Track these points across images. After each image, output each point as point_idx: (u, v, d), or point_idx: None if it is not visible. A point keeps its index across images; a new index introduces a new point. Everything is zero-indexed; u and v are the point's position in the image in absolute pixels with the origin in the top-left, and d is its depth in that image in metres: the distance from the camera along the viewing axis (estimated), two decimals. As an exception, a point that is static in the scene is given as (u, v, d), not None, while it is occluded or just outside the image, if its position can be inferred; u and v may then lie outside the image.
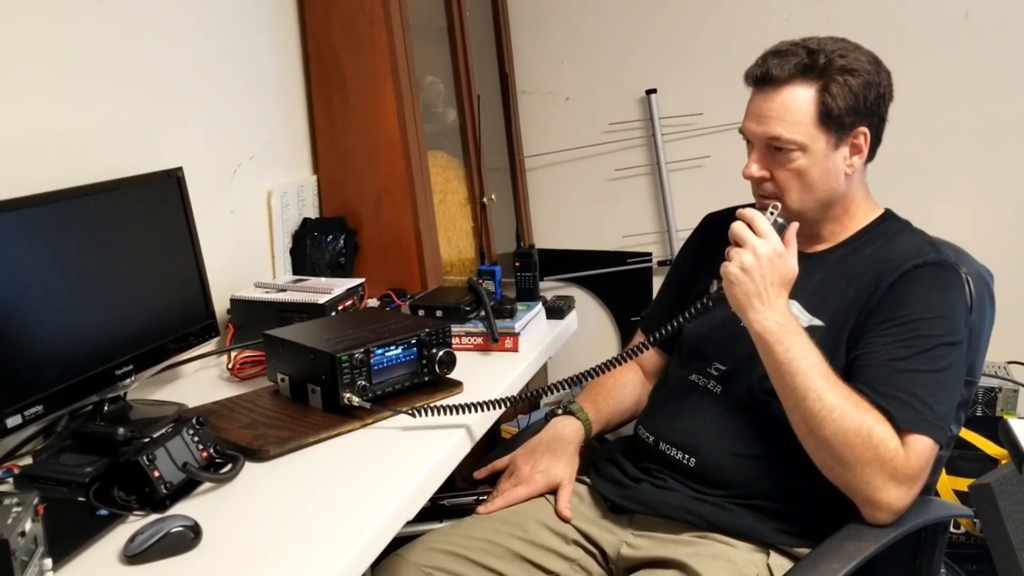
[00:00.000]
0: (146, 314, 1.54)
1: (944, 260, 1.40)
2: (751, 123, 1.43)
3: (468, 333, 1.83)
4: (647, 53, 2.84)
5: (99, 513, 1.17)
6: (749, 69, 1.43)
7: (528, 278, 2.03)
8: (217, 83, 1.95)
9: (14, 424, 1.24)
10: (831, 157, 1.40)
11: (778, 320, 1.31)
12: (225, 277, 1.86)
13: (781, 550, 1.38)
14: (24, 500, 0.95)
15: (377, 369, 1.49)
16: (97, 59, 1.62)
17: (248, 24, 2.05)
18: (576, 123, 2.95)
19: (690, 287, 1.64)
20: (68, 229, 1.39)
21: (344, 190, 2.25)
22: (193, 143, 1.85)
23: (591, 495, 1.55)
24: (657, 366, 1.70)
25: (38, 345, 1.32)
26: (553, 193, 3.02)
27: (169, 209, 1.63)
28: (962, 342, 1.36)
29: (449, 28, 2.56)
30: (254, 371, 1.72)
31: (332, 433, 1.41)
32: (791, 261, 1.35)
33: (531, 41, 2.94)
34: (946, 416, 1.31)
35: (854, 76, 1.38)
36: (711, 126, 2.75)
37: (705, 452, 1.43)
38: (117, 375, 1.45)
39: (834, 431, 1.26)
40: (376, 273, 2.19)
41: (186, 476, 1.23)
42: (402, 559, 1.42)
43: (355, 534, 1.12)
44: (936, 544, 1.43)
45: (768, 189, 1.44)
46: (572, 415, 1.61)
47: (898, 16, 2.56)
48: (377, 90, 2.16)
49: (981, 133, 2.56)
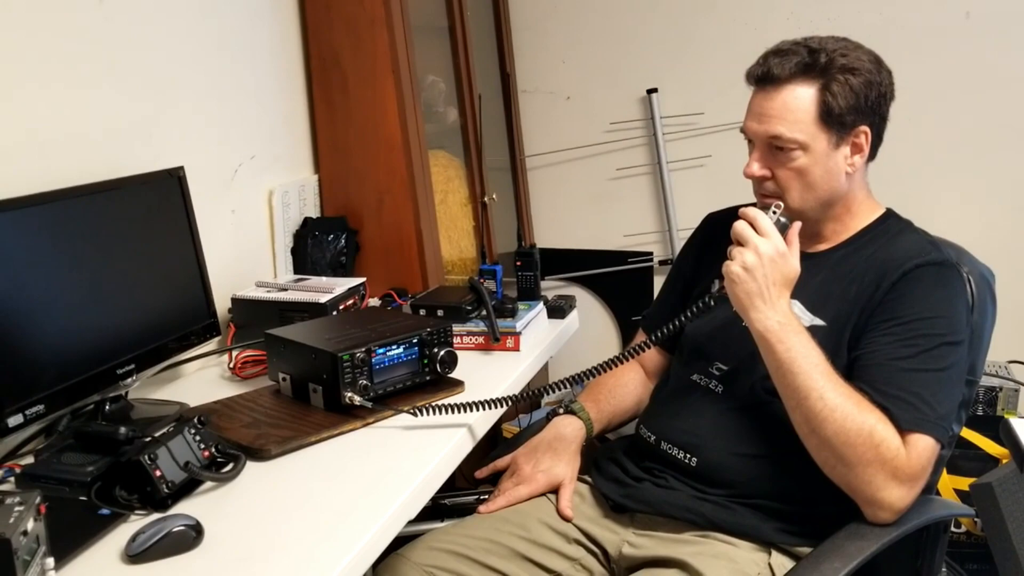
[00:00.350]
0: (147, 313, 1.54)
1: (945, 260, 1.40)
2: (752, 122, 1.43)
3: (469, 332, 1.83)
4: (648, 52, 2.84)
5: (101, 512, 1.17)
6: (750, 68, 1.43)
7: (529, 277, 2.03)
8: (218, 83, 1.95)
9: (16, 423, 1.24)
10: (832, 156, 1.40)
11: (780, 319, 1.32)
12: (226, 276, 1.86)
13: (783, 549, 1.38)
14: (26, 499, 0.95)
15: (378, 368, 1.49)
16: (98, 59, 1.62)
17: (249, 24, 2.05)
18: (577, 122, 2.94)
19: (692, 286, 1.64)
20: (70, 229, 1.39)
21: (345, 189, 2.25)
22: (194, 142, 1.85)
23: (593, 494, 1.55)
24: (659, 365, 1.70)
25: (40, 344, 1.31)
26: (554, 192, 3.02)
27: (170, 208, 1.63)
28: (963, 341, 1.36)
29: (450, 27, 2.56)
30: (255, 370, 1.72)
31: (333, 432, 1.41)
32: (793, 261, 1.35)
33: (532, 40, 2.94)
34: (947, 415, 1.31)
35: (855, 75, 1.38)
36: (712, 125, 2.75)
37: (707, 451, 1.43)
38: (118, 374, 1.45)
39: (835, 430, 1.26)
40: (377, 272, 2.19)
41: (188, 475, 1.23)
42: (403, 558, 1.42)
43: (356, 533, 1.12)
44: (937, 543, 1.43)
45: (769, 188, 1.44)
46: (573, 414, 1.62)
47: (899, 15, 2.56)
48: (378, 89, 2.16)
49: (981, 132, 2.56)
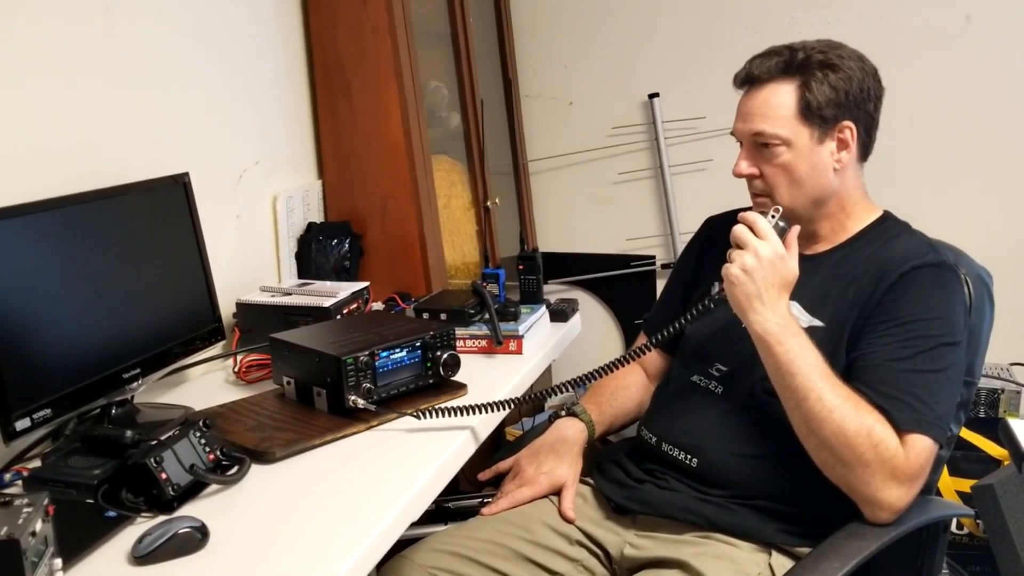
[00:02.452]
0: (153, 318, 1.55)
1: (943, 261, 1.40)
2: (738, 122, 1.47)
3: (472, 336, 1.84)
4: (650, 57, 2.85)
5: (107, 515, 1.18)
6: (736, 73, 1.47)
7: (532, 281, 2.04)
8: (223, 89, 1.97)
9: (23, 427, 1.25)
10: (817, 151, 1.42)
11: (778, 321, 1.32)
12: (231, 281, 1.87)
13: (783, 550, 1.39)
14: (35, 501, 0.96)
15: (382, 372, 1.50)
16: (105, 66, 1.63)
17: (254, 31, 2.07)
18: (579, 127, 2.96)
19: (692, 289, 1.65)
20: (76, 234, 1.40)
21: (349, 195, 2.27)
22: (200, 149, 1.87)
23: (595, 496, 1.55)
24: (660, 367, 1.71)
25: (47, 349, 1.32)
26: (557, 197, 3.03)
27: (176, 214, 1.65)
28: (961, 342, 1.37)
29: (453, 34, 2.58)
30: (260, 374, 1.74)
31: (337, 435, 1.42)
32: (792, 263, 1.36)
33: (534, 46, 2.95)
34: (945, 416, 1.32)
35: (834, 71, 1.40)
36: (714, 130, 2.76)
37: (707, 453, 1.44)
38: (125, 379, 1.46)
39: (834, 431, 1.27)
40: (381, 277, 2.20)
41: (193, 478, 1.24)
42: (407, 560, 1.43)
43: (360, 535, 1.13)
44: (937, 543, 1.43)
45: (758, 187, 1.46)
46: (576, 417, 1.62)
47: (899, 19, 2.57)
48: (382, 96, 2.17)
49: (981, 135, 2.57)
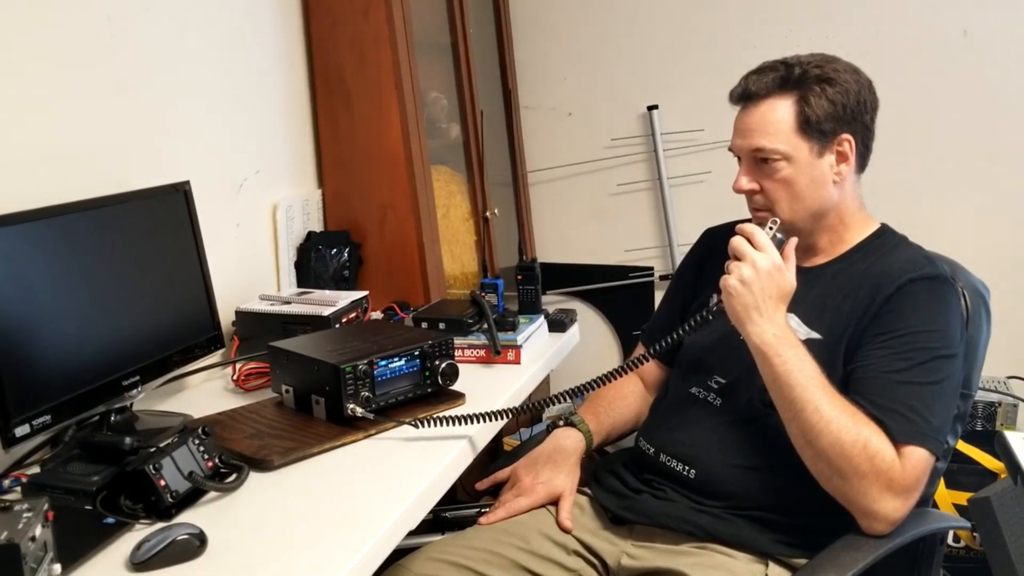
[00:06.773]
0: (153, 326, 1.56)
1: (940, 274, 1.41)
2: (737, 139, 1.48)
3: (471, 345, 1.85)
4: (649, 69, 2.87)
5: (106, 521, 1.19)
6: (731, 89, 1.48)
7: (530, 291, 2.05)
8: (224, 99, 1.98)
9: (22, 433, 1.25)
10: (816, 165, 1.43)
11: (776, 333, 1.33)
12: (231, 289, 1.87)
13: (780, 560, 1.39)
14: (34, 506, 0.96)
15: (380, 380, 1.51)
16: (106, 75, 1.64)
17: (255, 41, 2.08)
18: (578, 138, 2.97)
19: (691, 300, 1.66)
20: (76, 242, 1.41)
21: (349, 204, 2.27)
22: (200, 157, 1.87)
23: (592, 506, 1.56)
24: (658, 378, 1.72)
25: (46, 356, 1.33)
26: (555, 207, 3.04)
27: (176, 222, 1.65)
28: (958, 355, 1.37)
29: (453, 45, 2.59)
30: (259, 382, 1.74)
31: (335, 444, 1.42)
32: (789, 275, 1.37)
33: (534, 57, 2.97)
34: (942, 428, 1.33)
35: (831, 85, 1.41)
36: (712, 142, 2.77)
37: (705, 464, 1.44)
38: (124, 386, 1.46)
39: (831, 442, 1.27)
40: (380, 286, 2.21)
41: (192, 485, 1.24)
42: (404, 569, 1.43)
43: (357, 544, 1.13)
44: (933, 556, 1.44)
45: (759, 202, 1.46)
46: (573, 427, 1.62)
47: (897, 33, 2.59)
48: (382, 106, 2.18)
49: (979, 149, 2.58)
